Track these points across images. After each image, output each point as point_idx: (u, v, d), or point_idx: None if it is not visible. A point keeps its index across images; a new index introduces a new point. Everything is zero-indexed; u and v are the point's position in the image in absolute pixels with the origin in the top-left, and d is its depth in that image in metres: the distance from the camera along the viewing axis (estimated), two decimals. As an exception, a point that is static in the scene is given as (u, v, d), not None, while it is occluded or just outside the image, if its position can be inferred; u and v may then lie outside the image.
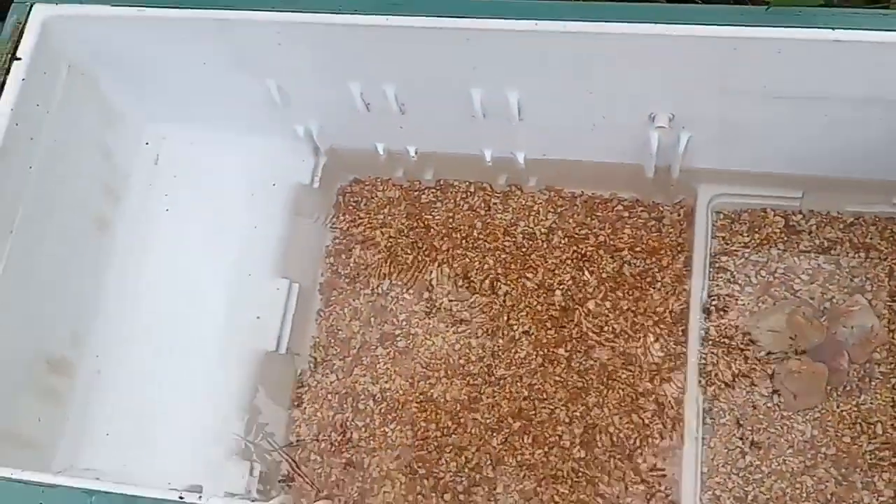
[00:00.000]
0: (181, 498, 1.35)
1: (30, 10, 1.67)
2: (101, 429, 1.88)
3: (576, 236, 2.05)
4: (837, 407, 1.79)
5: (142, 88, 1.91)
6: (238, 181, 2.02)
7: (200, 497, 1.36)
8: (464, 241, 2.09)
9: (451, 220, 2.12)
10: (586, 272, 2.02)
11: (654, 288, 1.97)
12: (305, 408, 2.03)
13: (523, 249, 2.06)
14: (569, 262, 2.03)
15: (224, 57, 1.73)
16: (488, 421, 1.95)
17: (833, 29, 1.37)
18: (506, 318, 2.02)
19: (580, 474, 1.88)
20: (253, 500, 1.38)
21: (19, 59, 1.63)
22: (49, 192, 1.75)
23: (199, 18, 1.60)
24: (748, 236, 1.93)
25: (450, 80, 1.69)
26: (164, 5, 1.62)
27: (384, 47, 1.61)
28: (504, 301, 2.03)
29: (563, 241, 2.05)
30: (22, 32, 1.64)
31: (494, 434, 1.94)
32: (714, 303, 1.90)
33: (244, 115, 1.94)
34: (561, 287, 2.02)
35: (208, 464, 1.86)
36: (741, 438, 1.80)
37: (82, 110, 1.82)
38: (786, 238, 1.92)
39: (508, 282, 2.05)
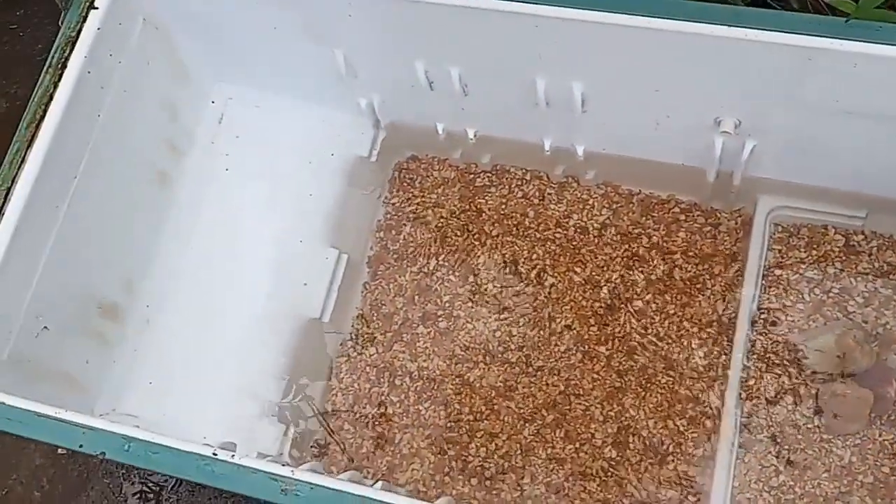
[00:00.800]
0: (215, 454, 1.38)
1: (111, -39, 1.71)
2: (145, 377, 1.93)
3: (629, 234, 2.02)
4: (880, 435, 1.74)
5: (212, 48, 1.94)
6: (298, 148, 2.04)
7: (233, 455, 1.38)
8: (515, 229, 2.09)
9: (503, 206, 2.11)
10: (636, 272, 1.99)
11: (703, 295, 1.94)
12: (343, 378, 2.06)
13: (574, 243, 2.05)
14: (619, 259, 2.01)
15: (294, 23, 1.74)
16: (522, 411, 1.95)
17: (915, 47, 1.32)
18: (549, 310, 2.01)
19: (609, 473, 1.87)
20: (284, 464, 1.39)
21: (97, 8, 1.66)
22: (114, 141, 1.79)
23: (272, -17, 1.62)
24: (805, 252, 1.88)
25: (515, 66, 1.67)
26: (240, -33, 1.64)
27: (452, 27, 1.60)
28: (549, 293, 2.02)
29: (615, 239, 2.03)
30: (102, -18, 1.68)
31: (527, 424, 1.94)
32: (763, 316, 1.86)
33: (310, 83, 1.96)
34: (608, 284, 2.00)
35: (244, 422, 1.90)
36: (777, 456, 1.77)
37: (153, 64, 1.86)
38: (844, 258, 1.86)
39: (556, 274, 2.03)
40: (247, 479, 1.33)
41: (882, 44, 1.35)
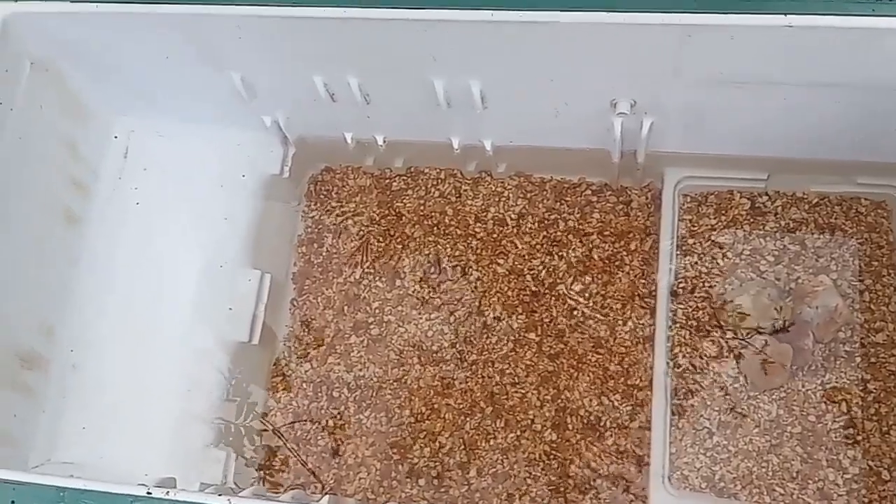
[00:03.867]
0: (149, 493, 1.37)
1: (-10, 7, 1.67)
2: (78, 422, 1.90)
3: (545, 221, 2.06)
4: (803, 386, 1.81)
5: (108, 83, 1.91)
6: (207, 173, 2.02)
7: (168, 492, 1.37)
8: (435, 228, 2.11)
9: (422, 207, 2.13)
10: (556, 257, 2.03)
11: (622, 271, 1.99)
12: (280, 397, 2.05)
13: (494, 235, 2.08)
14: (539, 247, 2.05)
15: (186, 51, 1.73)
16: (461, 406, 1.98)
17: (785, 14, 1.37)
18: (477, 304, 2.04)
19: (552, 456, 1.91)
20: (223, 492, 1.39)
21: (-21, 57, 1.63)
22: (15, 187, 1.76)
23: (156, 13, 1.60)
24: (715, 218, 1.94)
25: (412, 71, 1.69)
26: (122, 0, 1.61)
27: (343, 40, 1.61)
28: (476, 287, 2.05)
29: (533, 227, 2.06)
30: (-19, 30, 1.64)
31: (467, 419, 1.97)
32: (681, 285, 1.91)
33: (211, 107, 1.95)
34: (531, 272, 2.03)
35: (185, 454, 1.88)
36: (708, 419, 1.83)
37: (47, 106, 1.83)
38: (752, 219, 1.93)
39: (480, 268, 2.06)
40: (184, 513, 1.33)
41: (754, 13, 1.40)
